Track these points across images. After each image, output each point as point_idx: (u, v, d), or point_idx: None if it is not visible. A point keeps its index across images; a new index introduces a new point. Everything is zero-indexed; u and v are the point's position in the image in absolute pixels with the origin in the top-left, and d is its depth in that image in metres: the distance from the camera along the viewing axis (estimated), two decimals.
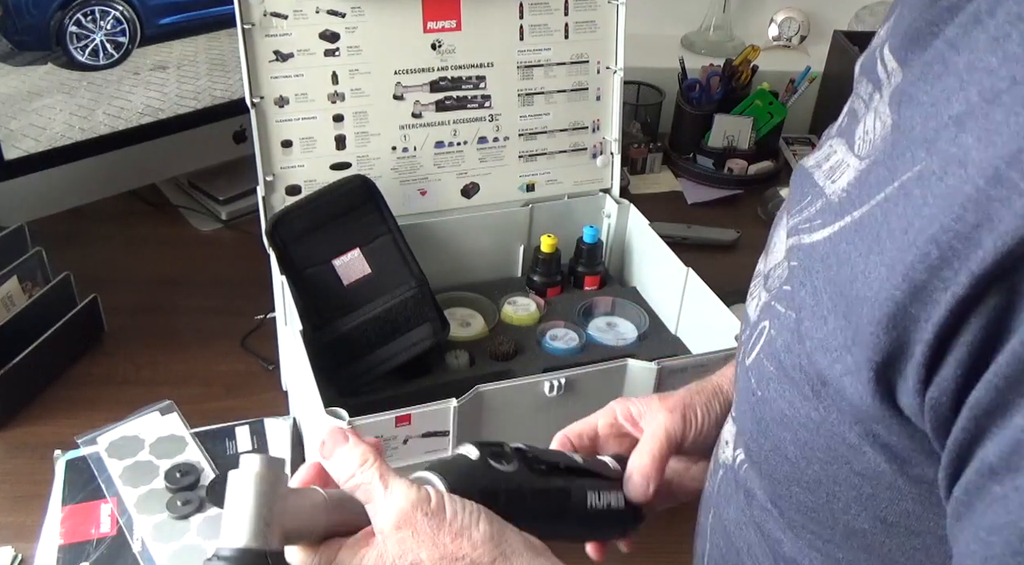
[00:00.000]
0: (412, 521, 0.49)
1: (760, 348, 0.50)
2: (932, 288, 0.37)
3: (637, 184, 1.55)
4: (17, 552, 0.89)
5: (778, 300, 0.49)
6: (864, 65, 0.52)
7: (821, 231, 0.46)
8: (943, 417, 0.38)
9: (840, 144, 0.49)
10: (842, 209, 0.44)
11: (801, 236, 0.48)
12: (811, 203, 0.49)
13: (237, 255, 1.32)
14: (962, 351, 0.37)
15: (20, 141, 1.14)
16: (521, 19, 1.07)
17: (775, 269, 0.52)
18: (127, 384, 1.10)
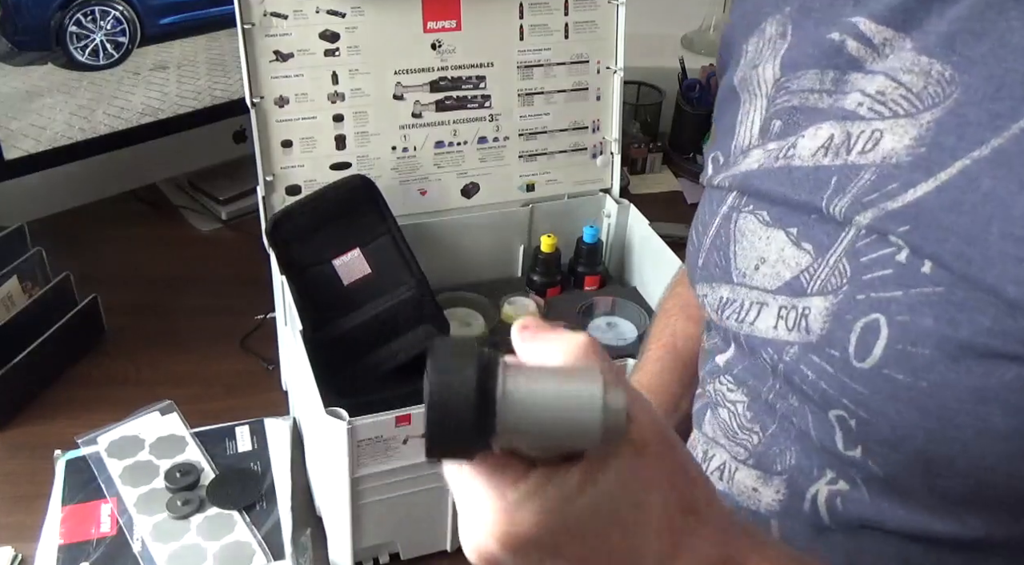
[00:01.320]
0: (659, 444, 0.37)
1: (887, 342, 0.43)
2: None
3: (637, 184, 1.55)
4: (17, 552, 0.89)
5: (876, 288, 0.44)
6: (797, 62, 0.51)
7: (914, 190, 0.43)
8: None
9: (800, 137, 0.49)
10: (934, 161, 0.43)
11: (882, 207, 0.44)
12: (850, 181, 0.46)
13: (237, 255, 1.32)
14: None
15: (20, 141, 1.14)
16: (521, 19, 1.07)
17: (808, 272, 0.47)
18: (127, 384, 1.10)
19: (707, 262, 0.56)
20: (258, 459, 0.99)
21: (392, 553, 0.92)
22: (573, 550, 0.35)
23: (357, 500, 0.85)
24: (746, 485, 0.53)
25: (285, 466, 0.98)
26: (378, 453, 0.82)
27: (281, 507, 0.93)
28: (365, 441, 0.81)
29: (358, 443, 0.81)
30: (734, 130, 0.56)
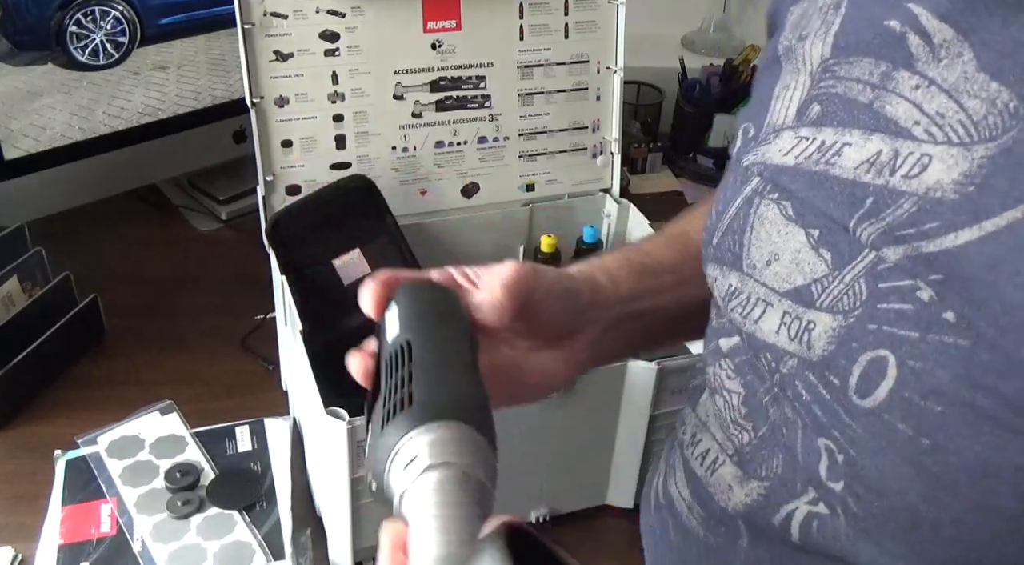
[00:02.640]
0: None
1: (893, 387, 0.41)
2: None
3: (637, 184, 1.55)
4: (17, 552, 0.89)
5: (891, 322, 0.41)
6: (851, 46, 0.46)
7: (954, 234, 0.39)
8: None
9: (843, 133, 0.44)
10: (983, 207, 0.38)
11: (915, 244, 0.40)
12: (886, 204, 0.42)
13: (237, 255, 1.32)
14: None
15: (20, 141, 1.14)
16: (521, 19, 1.07)
17: (820, 285, 0.45)
18: (127, 384, 1.10)
19: (720, 244, 0.52)
20: (258, 459, 0.99)
21: None
22: None
23: (357, 500, 0.85)
24: (724, 482, 0.52)
25: (285, 466, 0.98)
26: None
27: (281, 507, 0.93)
28: (365, 441, 0.81)
29: (358, 443, 0.81)
30: (770, 104, 0.51)
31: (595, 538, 0.98)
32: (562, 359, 0.56)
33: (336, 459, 0.82)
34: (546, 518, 0.96)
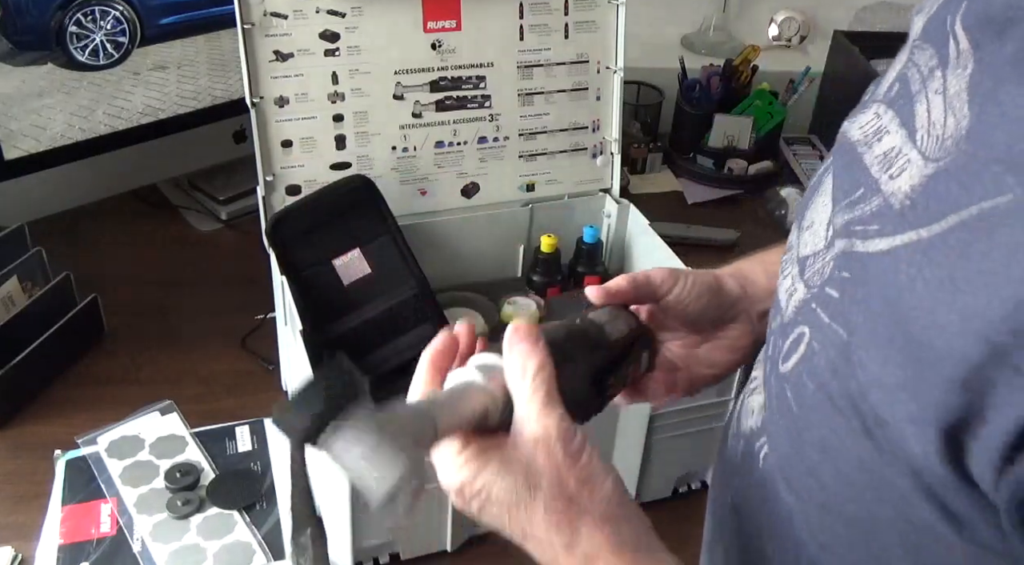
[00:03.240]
0: (550, 446, 0.49)
1: (799, 360, 0.45)
2: (1017, 356, 0.32)
3: (637, 184, 1.55)
4: (17, 552, 0.89)
5: (822, 306, 0.44)
6: (929, 30, 0.45)
7: (878, 241, 0.40)
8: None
9: (892, 121, 0.44)
10: (905, 220, 0.39)
11: (854, 241, 0.42)
12: (865, 198, 0.43)
13: (237, 255, 1.32)
14: None
15: (20, 141, 1.14)
16: (521, 19, 1.07)
17: (814, 259, 0.47)
18: (127, 384, 1.10)
19: (801, 203, 0.55)
20: (258, 459, 0.99)
21: (392, 553, 0.92)
22: (494, 508, 0.50)
23: (357, 500, 0.85)
24: (750, 407, 0.57)
25: (285, 466, 0.98)
26: None
27: (281, 507, 0.93)
28: None
29: None
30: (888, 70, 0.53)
31: None
32: (726, 348, 0.66)
33: None
34: None
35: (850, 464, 0.42)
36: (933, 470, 0.37)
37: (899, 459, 0.38)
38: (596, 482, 0.49)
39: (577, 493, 0.48)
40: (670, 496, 1.01)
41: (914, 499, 0.39)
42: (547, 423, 0.49)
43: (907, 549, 0.42)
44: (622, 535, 0.49)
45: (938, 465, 0.36)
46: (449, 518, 0.90)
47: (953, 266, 0.35)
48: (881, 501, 0.41)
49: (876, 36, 1.65)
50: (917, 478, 0.38)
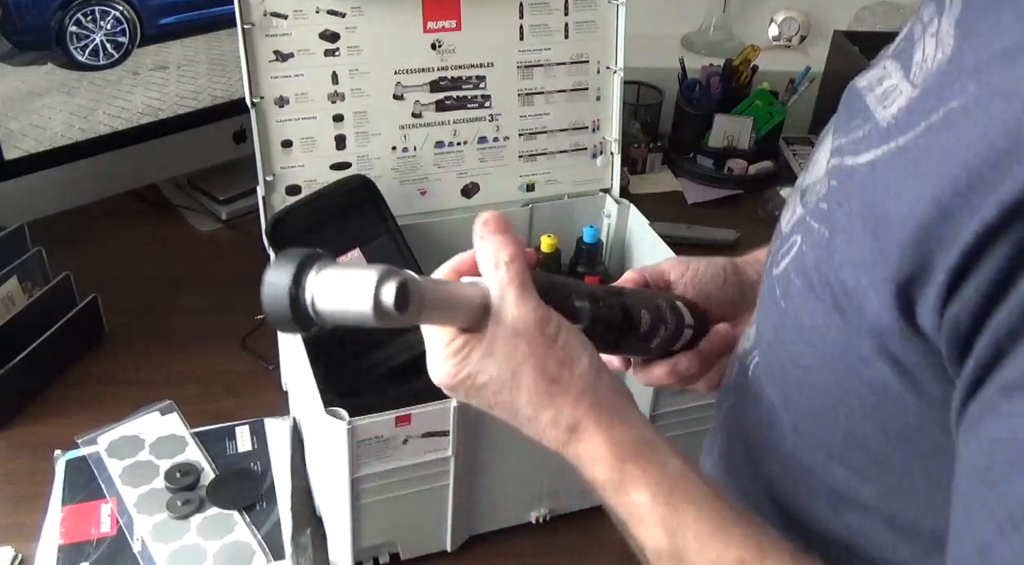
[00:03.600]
0: (530, 333, 0.53)
1: (789, 261, 0.51)
2: (959, 212, 0.38)
3: (637, 184, 1.55)
4: (17, 552, 0.89)
5: (813, 217, 0.50)
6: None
7: (865, 154, 0.46)
8: (960, 336, 0.40)
9: (895, 67, 0.49)
10: (888, 135, 0.45)
11: (845, 158, 0.48)
12: (860, 125, 0.48)
13: (237, 255, 1.32)
14: (985, 275, 0.38)
15: (20, 141, 1.14)
16: (521, 19, 1.07)
17: (814, 185, 0.52)
18: (127, 384, 1.10)
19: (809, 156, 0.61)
20: (258, 459, 0.99)
21: (392, 553, 0.92)
22: (481, 394, 0.54)
23: (357, 500, 0.85)
24: (748, 334, 0.63)
25: (285, 466, 0.98)
26: (378, 453, 0.82)
27: (281, 507, 0.93)
28: (365, 441, 0.81)
29: (358, 443, 0.81)
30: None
31: (595, 538, 0.98)
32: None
33: (336, 459, 0.82)
34: (546, 518, 0.96)
35: (822, 340, 0.47)
36: (890, 328, 0.43)
37: (862, 327, 0.44)
38: (575, 361, 0.54)
39: (557, 373, 0.53)
40: None
41: (874, 361, 0.45)
42: (523, 311, 0.53)
43: (866, 413, 0.47)
44: (601, 403, 0.54)
45: (894, 322, 0.42)
46: (449, 518, 0.90)
47: (919, 156, 0.41)
48: (847, 370, 0.46)
49: (876, 36, 1.65)
50: (877, 340, 0.44)
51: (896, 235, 0.41)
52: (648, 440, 0.54)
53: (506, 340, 0.53)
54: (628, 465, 0.52)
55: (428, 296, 0.49)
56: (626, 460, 0.52)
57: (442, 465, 0.86)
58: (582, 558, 0.96)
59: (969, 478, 0.40)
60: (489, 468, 0.90)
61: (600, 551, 0.97)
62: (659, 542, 0.50)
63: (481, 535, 0.95)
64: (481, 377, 0.53)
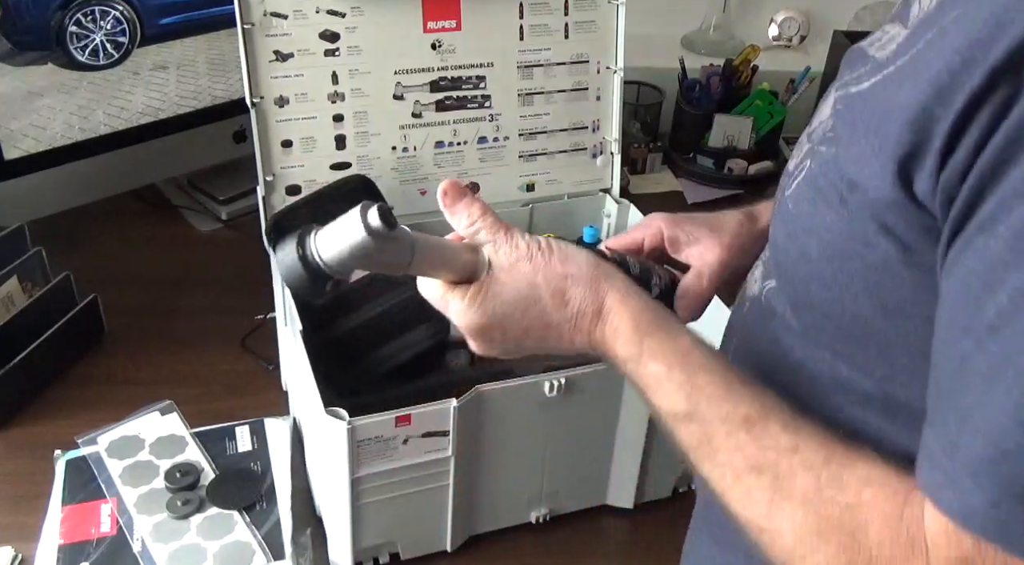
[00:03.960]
0: (530, 254, 0.61)
1: (800, 180, 0.57)
2: (953, 88, 0.43)
3: (637, 184, 1.55)
4: (17, 552, 0.89)
5: (821, 144, 0.55)
6: None
7: (866, 82, 0.52)
8: (952, 195, 0.44)
9: (894, 26, 0.54)
10: (886, 63, 0.50)
11: (849, 89, 0.53)
12: (861, 66, 0.54)
13: (237, 255, 1.32)
14: (973, 136, 0.43)
15: (20, 141, 1.14)
16: (521, 19, 1.07)
17: (820, 126, 0.57)
18: (127, 384, 1.10)
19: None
20: (258, 459, 0.99)
21: (392, 553, 0.92)
22: (510, 321, 0.61)
23: (357, 500, 0.85)
24: (753, 275, 0.68)
25: (285, 466, 0.98)
26: (378, 453, 0.82)
27: (281, 507, 0.93)
28: (365, 441, 0.81)
29: (358, 443, 0.81)
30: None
31: (595, 538, 0.98)
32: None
33: (336, 459, 0.82)
34: (546, 518, 0.96)
35: (829, 233, 0.53)
36: (891, 205, 0.48)
37: (865, 212, 0.50)
38: (575, 257, 0.62)
39: (565, 271, 0.61)
40: (670, 496, 1.01)
41: (876, 241, 0.50)
42: (513, 244, 0.61)
43: (868, 293, 0.52)
44: (614, 284, 0.61)
45: (895, 197, 0.47)
46: (449, 518, 0.90)
47: (916, 65, 0.47)
48: (851, 256, 0.52)
49: None
50: (878, 221, 0.49)
51: (897, 121, 0.46)
52: (661, 316, 0.61)
53: (511, 268, 0.60)
54: (647, 339, 0.59)
55: (419, 241, 0.57)
56: (645, 335, 0.59)
57: (442, 465, 0.86)
58: (582, 558, 0.96)
59: (948, 308, 0.45)
60: (489, 468, 0.90)
61: (600, 551, 0.97)
62: (676, 405, 0.56)
63: (481, 535, 0.95)
64: (503, 306, 0.60)
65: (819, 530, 0.49)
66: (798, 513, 0.50)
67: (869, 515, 0.48)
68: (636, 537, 0.99)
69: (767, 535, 0.51)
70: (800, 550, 0.50)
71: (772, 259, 0.62)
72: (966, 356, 0.44)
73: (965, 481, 0.43)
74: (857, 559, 0.48)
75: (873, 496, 0.48)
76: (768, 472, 0.51)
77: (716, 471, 0.54)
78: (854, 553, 0.48)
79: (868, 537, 0.47)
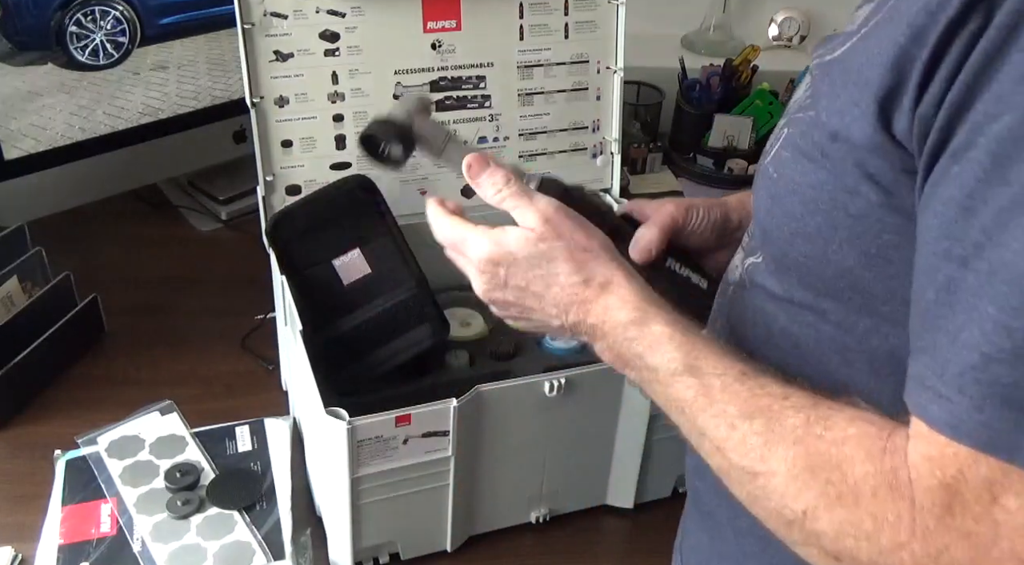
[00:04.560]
0: (557, 219, 0.65)
1: (779, 146, 0.59)
2: (929, 25, 0.46)
3: (637, 184, 1.55)
4: (17, 552, 0.89)
5: (798, 112, 0.58)
6: None
7: (840, 49, 0.55)
8: (927, 129, 0.47)
9: (863, 8, 0.57)
10: (858, 29, 0.53)
11: (823, 58, 0.56)
12: (830, 43, 0.57)
13: (237, 255, 1.32)
14: (946, 67, 0.45)
15: (20, 141, 1.14)
16: (521, 19, 1.07)
17: (796, 102, 0.61)
18: (127, 384, 1.10)
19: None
20: (258, 459, 0.99)
21: (392, 553, 0.92)
22: (515, 275, 0.65)
23: (357, 500, 0.85)
24: (734, 262, 0.70)
25: (285, 466, 0.98)
26: (378, 453, 0.82)
27: (281, 507, 0.93)
28: (365, 441, 0.81)
29: (358, 443, 0.81)
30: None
31: (595, 538, 0.98)
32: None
33: (336, 459, 0.82)
34: (546, 518, 0.96)
35: (812, 188, 0.55)
36: (871, 145, 0.50)
37: (847, 161, 0.52)
38: (595, 232, 0.66)
39: (587, 244, 0.65)
40: (670, 496, 1.01)
41: (858, 189, 0.52)
42: (539, 208, 0.65)
43: (852, 242, 0.54)
44: (622, 263, 0.65)
45: (874, 137, 0.50)
46: (449, 518, 0.90)
47: (889, 17, 0.49)
48: (834, 207, 0.54)
49: None
50: (860, 168, 0.52)
51: (876, 66, 0.48)
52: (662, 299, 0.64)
53: (536, 230, 0.64)
54: (651, 306, 0.62)
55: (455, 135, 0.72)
56: (649, 303, 0.62)
57: (442, 465, 0.86)
58: (582, 558, 0.96)
59: (929, 239, 0.47)
60: (489, 468, 0.90)
61: (600, 551, 0.97)
62: (674, 362, 0.59)
63: (481, 535, 0.95)
64: (516, 248, 0.64)
65: (809, 467, 0.50)
66: (790, 452, 0.51)
67: (855, 451, 0.49)
68: (636, 537, 0.99)
69: (761, 479, 0.53)
70: (792, 489, 0.51)
71: (757, 230, 0.64)
72: (952, 279, 0.45)
73: (953, 393, 0.45)
74: (845, 493, 0.49)
75: (858, 432, 0.50)
76: (761, 416, 0.53)
77: (712, 422, 0.56)
78: (842, 487, 0.49)
79: (854, 471, 0.49)
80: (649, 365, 0.60)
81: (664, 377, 0.59)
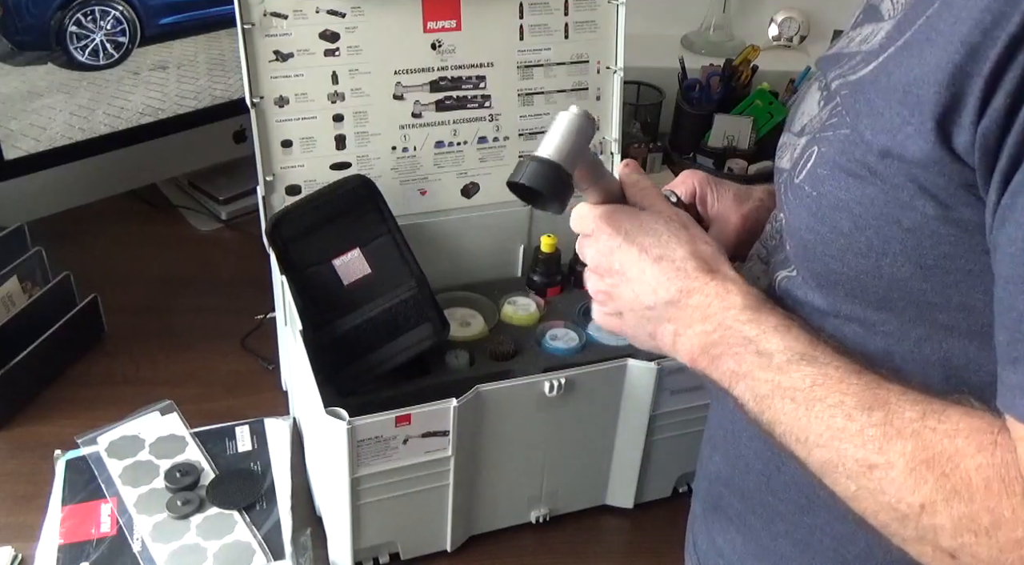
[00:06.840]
0: (687, 218, 0.68)
1: (811, 165, 0.59)
2: (987, 43, 0.46)
3: None
4: (17, 552, 0.89)
5: (825, 130, 0.58)
6: None
7: (865, 69, 0.55)
8: (992, 144, 0.47)
9: (866, 27, 0.58)
10: (883, 48, 0.54)
11: (846, 78, 0.57)
12: (848, 61, 0.58)
13: (237, 255, 1.32)
14: (1011, 83, 0.45)
15: (20, 141, 1.14)
16: (521, 19, 1.07)
17: (812, 120, 0.61)
18: (127, 384, 1.10)
19: (787, 118, 0.70)
20: (258, 459, 0.99)
21: (392, 553, 0.92)
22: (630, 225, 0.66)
23: (357, 500, 0.85)
24: (753, 273, 0.72)
25: (285, 466, 0.98)
26: (378, 453, 0.82)
27: (281, 507, 0.93)
28: (365, 441, 0.81)
29: (358, 443, 0.81)
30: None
31: (595, 538, 0.98)
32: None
33: (336, 459, 0.82)
34: (546, 518, 0.96)
35: (860, 204, 0.55)
36: (928, 160, 0.50)
37: (900, 176, 0.52)
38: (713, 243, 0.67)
39: (710, 240, 0.66)
40: (670, 496, 1.01)
41: (913, 203, 0.52)
42: (671, 211, 0.68)
43: (907, 255, 0.54)
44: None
45: (933, 153, 0.50)
46: (449, 518, 0.90)
47: (928, 34, 0.50)
48: (888, 222, 0.54)
49: None
50: (915, 183, 0.52)
51: (929, 86, 0.49)
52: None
53: (659, 218, 0.67)
54: (767, 299, 0.63)
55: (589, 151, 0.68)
56: (764, 297, 0.63)
57: (442, 465, 0.86)
58: (582, 558, 0.96)
59: (1010, 259, 0.47)
60: (489, 468, 0.90)
61: (600, 551, 0.97)
62: (791, 351, 0.59)
63: (481, 535, 0.95)
64: (636, 216, 0.67)
65: (926, 460, 0.51)
66: (908, 445, 0.52)
67: (966, 443, 0.50)
68: (636, 537, 0.99)
69: (879, 471, 0.52)
70: (910, 482, 0.51)
71: (794, 246, 0.63)
72: None
73: None
74: (959, 486, 0.49)
75: (969, 426, 0.50)
76: (880, 409, 0.53)
77: (827, 412, 0.55)
78: (956, 480, 0.49)
79: (966, 463, 0.49)
80: (762, 350, 0.60)
81: (780, 363, 0.59)
